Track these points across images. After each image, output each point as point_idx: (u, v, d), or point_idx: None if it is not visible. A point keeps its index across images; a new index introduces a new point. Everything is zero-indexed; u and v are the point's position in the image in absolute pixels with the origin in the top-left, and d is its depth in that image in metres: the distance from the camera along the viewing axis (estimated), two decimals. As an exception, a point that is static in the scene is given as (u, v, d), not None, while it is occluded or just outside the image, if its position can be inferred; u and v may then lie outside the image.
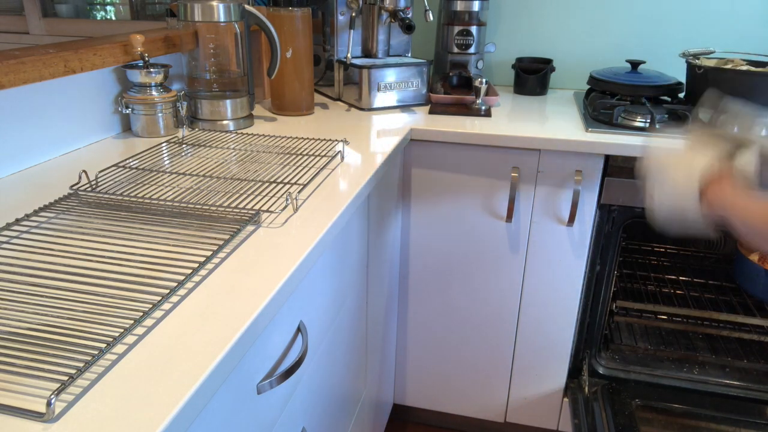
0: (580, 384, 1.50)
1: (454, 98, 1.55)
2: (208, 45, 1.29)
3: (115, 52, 1.14)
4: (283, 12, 1.37)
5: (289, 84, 1.42)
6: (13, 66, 0.92)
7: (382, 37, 1.60)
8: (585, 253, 1.38)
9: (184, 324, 0.57)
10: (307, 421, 0.89)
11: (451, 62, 1.63)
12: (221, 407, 0.59)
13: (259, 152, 1.11)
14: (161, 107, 1.19)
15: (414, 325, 1.57)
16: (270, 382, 0.69)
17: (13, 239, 0.73)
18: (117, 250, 0.70)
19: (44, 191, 0.90)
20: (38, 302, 0.59)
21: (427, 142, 1.36)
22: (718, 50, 1.46)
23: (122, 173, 0.96)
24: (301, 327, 0.79)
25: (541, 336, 1.49)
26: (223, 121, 1.29)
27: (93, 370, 0.50)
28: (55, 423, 0.45)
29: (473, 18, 1.59)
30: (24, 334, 0.54)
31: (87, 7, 2.30)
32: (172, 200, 0.85)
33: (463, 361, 1.57)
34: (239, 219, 0.80)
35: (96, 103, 1.16)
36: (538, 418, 1.59)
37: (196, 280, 0.65)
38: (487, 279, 1.46)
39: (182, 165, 1.02)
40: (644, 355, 1.56)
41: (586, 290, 1.43)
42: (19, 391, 0.47)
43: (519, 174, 1.34)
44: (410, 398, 1.67)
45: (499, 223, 1.40)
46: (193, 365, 0.51)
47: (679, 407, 1.42)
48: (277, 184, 0.93)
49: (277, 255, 0.72)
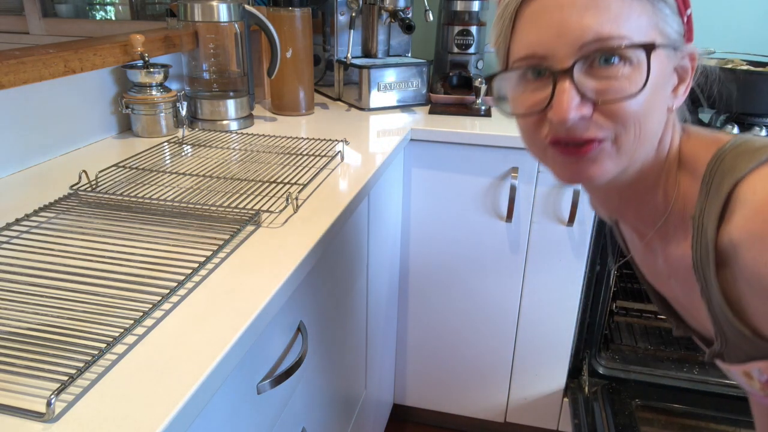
0: (580, 384, 1.50)
1: (454, 98, 1.55)
2: (208, 45, 1.29)
3: (115, 52, 1.14)
4: (283, 12, 1.37)
5: (289, 84, 1.42)
6: (13, 66, 0.92)
7: (382, 37, 1.60)
8: (585, 253, 1.38)
9: (184, 324, 0.57)
10: (307, 421, 0.89)
11: (451, 62, 1.63)
12: (221, 407, 0.58)
13: (259, 152, 1.11)
14: (161, 107, 1.19)
15: (414, 325, 1.57)
16: (270, 382, 0.69)
17: (13, 239, 0.73)
18: (117, 250, 0.70)
19: (44, 191, 0.90)
20: (38, 302, 0.59)
21: (427, 142, 1.36)
22: (718, 50, 1.45)
23: (122, 173, 0.96)
24: (301, 327, 0.79)
25: (541, 336, 1.49)
26: (223, 121, 1.29)
27: (93, 370, 0.50)
28: (55, 423, 0.45)
29: (473, 18, 1.59)
30: (24, 334, 0.54)
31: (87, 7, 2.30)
32: (172, 200, 0.85)
33: (463, 361, 1.57)
34: (239, 219, 0.80)
35: (96, 103, 1.16)
36: (538, 418, 1.59)
37: (196, 280, 0.65)
38: (487, 279, 1.46)
39: (182, 165, 1.02)
40: (644, 355, 1.55)
41: (586, 290, 1.43)
42: (19, 391, 0.47)
43: (519, 174, 1.34)
44: (410, 398, 1.67)
45: (499, 223, 1.40)
46: (193, 365, 0.51)
47: (679, 407, 1.42)
48: (277, 184, 0.93)
49: (277, 255, 0.72)
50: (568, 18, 0.51)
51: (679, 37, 0.55)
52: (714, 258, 0.53)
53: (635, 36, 0.51)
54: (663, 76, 0.54)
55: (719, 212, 0.52)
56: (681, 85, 0.57)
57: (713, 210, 0.53)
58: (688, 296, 0.64)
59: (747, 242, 0.49)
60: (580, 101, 0.52)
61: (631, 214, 0.65)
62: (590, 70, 0.52)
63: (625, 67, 0.51)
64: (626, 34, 0.50)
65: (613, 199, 0.65)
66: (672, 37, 0.54)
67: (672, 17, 0.54)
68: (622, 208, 0.65)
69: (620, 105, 0.51)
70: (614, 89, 0.51)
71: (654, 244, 0.65)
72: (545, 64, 0.53)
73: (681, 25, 0.55)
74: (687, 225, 0.58)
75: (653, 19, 0.52)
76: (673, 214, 0.60)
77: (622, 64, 0.51)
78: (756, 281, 0.49)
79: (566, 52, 0.51)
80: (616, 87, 0.51)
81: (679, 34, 0.55)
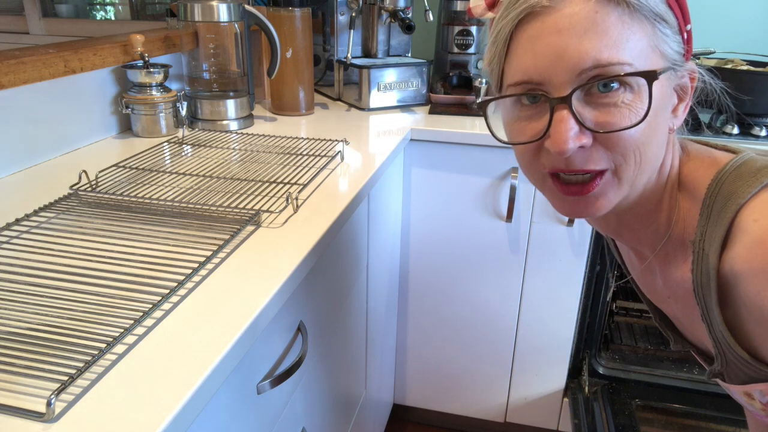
0: (580, 384, 1.50)
1: (454, 98, 1.55)
2: (208, 45, 1.29)
3: (115, 52, 1.14)
4: (283, 12, 1.37)
5: (289, 84, 1.42)
6: (13, 66, 0.92)
7: (382, 37, 1.60)
8: (585, 253, 1.38)
9: (184, 324, 0.57)
10: (307, 421, 0.89)
11: (451, 62, 1.63)
12: (221, 407, 0.58)
13: (259, 152, 1.11)
14: (161, 107, 1.19)
15: (414, 325, 1.57)
16: (270, 382, 0.69)
17: (13, 239, 0.73)
18: (117, 250, 0.70)
19: (44, 191, 0.90)
20: (38, 302, 0.59)
21: (427, 142, 1.36)
22: (718, 50, 1.45)
23: (122, 173, 0.96)
24: (301, 327, 0.79)
25: (541, 336, 1.49)
26: (223, 121, 1.29)
27: (93, 370, 0.50)
28: (55, 423, 0.45)
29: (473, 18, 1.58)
30: (24, 334, 0.54)
31: (87, 7, 2.30)
32: (172, 200, 0.85)
33: (463, 360, 1.57)
34: (239, 219, 0.80)
35: (96, 103, 1.16)
36: (538, 418, 1.59)
37: (196, 280, 0.65)
38: (487, 279, 1.46)
39: (182, 165, 1.02)
40: (644, 355, 1.55)
41: (586, 290, 1.43)
42: (19, 391, 0.47)
43: (519, 174, 1.34)
44: (410, 398, 1.67)
45: (499, 223, 1.40)
46: (193, 365, 0.51)
47: (679, 407, 1.42)
48: (277, 184, 0.93)
49: (277, 255, 0.72)
50: (566, 43, 0.48)
51: (679, 56, 0.53)
52: (716, 285, 0.52)
53: (636, 61, 0.49)
54: (663, 99, 0.52)
55: (722, 239, 0.50)
56: (681, 104, 0.55)
57: (716, 236, 0.51)
58: (687, 316, 0.63)
59: (748, 274, 0.48)
60: (579, 131, 0.50)
61: (630, 236, 0.63)
62: (589, 97, 0.50)
63: (625, 94, 0.49)
64: (626, 59, 0.48)
65: (612, 223, 0.63)
66: (672, 57, 0.52)
67: (672, 37, 0.52)
68: (620, 231, 0.63)
69: (621, 134, 0.49)
70: (614, 118, 0.49)
71: (653, 265, 0.63)
72: (541, 90, 0.51)
73: (680, 44, 0.53)
74: (686, 248, 0.57)
75: (653, 41, 0.50)
76: (673, 237, 0.58)
77: (622, 90, 0.49)
78: (758, 312, 0.49)
79: (564, 79, 0.49)
80: (617, 116, 0.49)
81: (679, 53, 0.53)
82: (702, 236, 0.53)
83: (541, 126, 0.51)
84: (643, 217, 0.60)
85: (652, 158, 0.53)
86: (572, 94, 0.49)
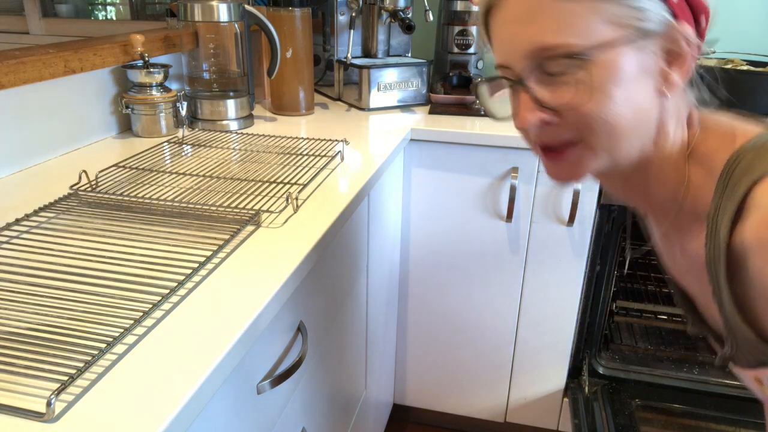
0: (580, 384, 1.50)
1: (454, 98, 1.55)
2: (208, 45, 1.29)
3: (115, 52, 1.14)
4: (283, 12, 1.37)
5: (289, 84, 1.42)
6: (13, 66, 0.92)
7: (382, 37, 1.60)
8: (585, 253, 1.38)
9: (184, 324, 0.57)
10: (307, 421, 0.89)
11: (451, 62, 1.63)
12: (221, 407, 0.59)
13: (259, 152, 1.11)
14: (161, 107, 1.19)
15: (414, 325, 1.57)
16: (270, 382, 0.69)
17: (13, 239, 0.73)
18: (117, 250, 0.70)
19: (44, 191, 0.90)
20: (38, 302, 0.59)
21: (427, 142, 1.36)
22: (718, 50, 1.45)
23: (122, 173, 0.96)
24: (301, 327, 0.79)
25: (541, 336, 1.49)
26: (223, 121, 1.29)
27: (93, 370, 0.50)
28: (55, 423, 0.45)
29: (473, 18, 1.59)
30: (24, 334, 0.54)
31: (87, 7, 2.30)
32: (172, 200, 0.85)
33: (463, 360, 1.57)
34: (239, 219, 0.80)
35: (96, 103, 1.16)
36: (538, 418, 1.59)
37: (196, 280, 0.65)
38: (487, 279, 1.46)
39: (182, 165, 1.02)
40: (644, 355, 1.56)
41: (586, 290, 1.43)
42: (19, 391, 0.47)
43: (519, 174, 1.34)
44: (410, 398, 1.67)
45: (499, 223, 1.40)
46: (193, 365, 0.51)
47: (679, 407, 1.42)
48: (277, 184, 0.93)
49: (277, 255, 0.72)
50: (516, 30, 0.53)
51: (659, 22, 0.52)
52: (725, 260, 0.52)
53: (583, 40, 0.50)
54: (632, 71, 0.52)
55: (734, 213, 0.51)
56: (674, 69, 0.54)
57: (728, 210, 0.51)
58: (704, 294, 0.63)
59: (757, 248, 0.48)
60: (538, 109, 0.54)
61: (641, 201, 0.65)
62: (545, 78, 0.53)
63: (577, 72, 0.51)
64: (572, 41, 0.50)
65: (618, 187, 0.65)
66: (642, 26, 0.51)
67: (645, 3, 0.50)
68: (630, 196, 0.65)
69: (578, 111, 0.52)
70: (567, 96, 0.52)
71: (671, 235, 0.64)
72: (508, 74, 0.56)
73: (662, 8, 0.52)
74: (701, 220, 0.56)
75: (608, 15, 0.50)
76: (686, 208, 0.59)
77: (573, 69, 0.51)
78: (762, 288, 0.49)
79: (520, 64, 0.54)
80: (569, 94, 0.52)
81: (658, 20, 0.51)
82: (716, 210, 0.53)
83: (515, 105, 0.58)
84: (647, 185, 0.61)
85: (630, 128, 0.54)
86: (525, 77, 0.54)
